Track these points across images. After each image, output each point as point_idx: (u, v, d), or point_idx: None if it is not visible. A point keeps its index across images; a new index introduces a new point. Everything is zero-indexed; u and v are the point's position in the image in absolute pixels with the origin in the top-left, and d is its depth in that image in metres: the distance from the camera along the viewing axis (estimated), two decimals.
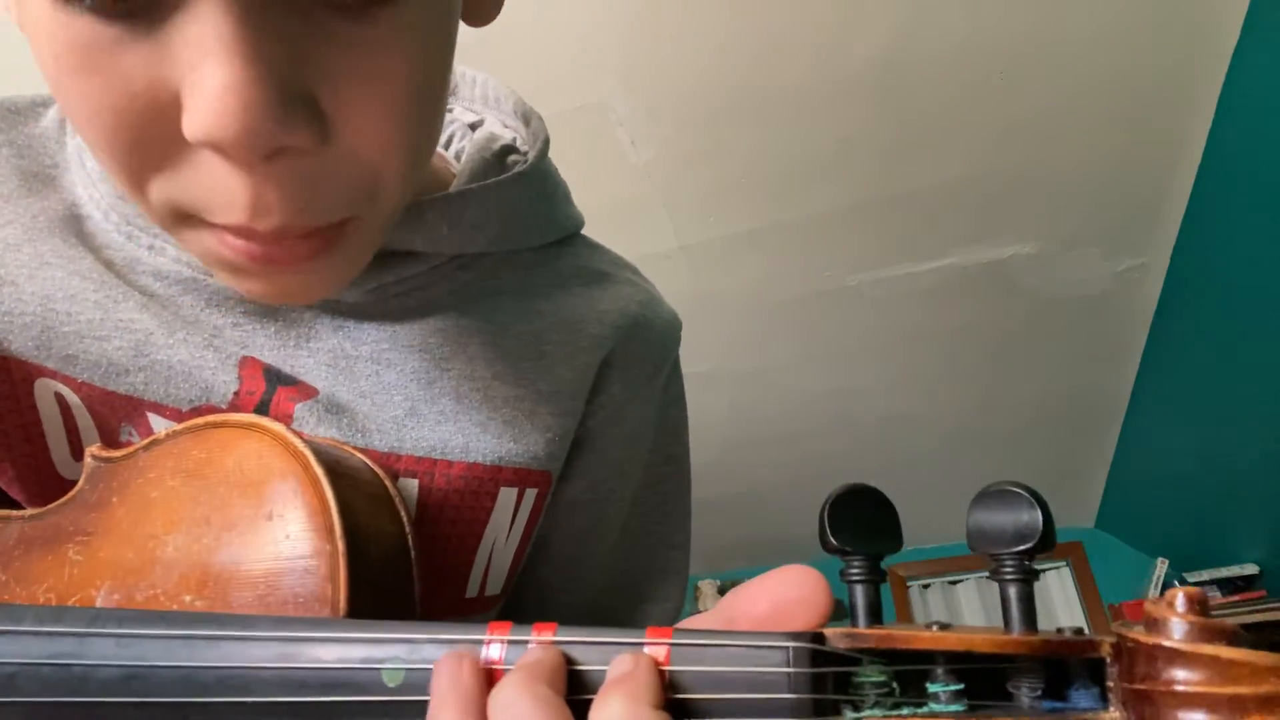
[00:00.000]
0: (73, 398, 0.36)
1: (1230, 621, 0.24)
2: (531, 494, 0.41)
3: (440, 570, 0.38)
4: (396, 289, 0.39)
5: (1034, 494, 0.24)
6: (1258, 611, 2.64)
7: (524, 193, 0.42)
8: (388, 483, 0.34)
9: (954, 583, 3.80)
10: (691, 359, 2.63)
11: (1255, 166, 1.69)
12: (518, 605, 0.44)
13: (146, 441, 0.34)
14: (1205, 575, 2.77)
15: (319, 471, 0.30)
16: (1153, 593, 2.99)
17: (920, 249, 2.15)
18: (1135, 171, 1.89)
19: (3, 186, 0.38)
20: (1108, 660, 0.23)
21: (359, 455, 0.35)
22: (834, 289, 2.29)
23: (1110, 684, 0.23)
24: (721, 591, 3.84)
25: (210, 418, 0.33)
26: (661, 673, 0.24)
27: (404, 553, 0.33)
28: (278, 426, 0.32)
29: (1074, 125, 1.78)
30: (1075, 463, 3.19)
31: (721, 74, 1.67)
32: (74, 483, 0.35)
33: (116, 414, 0.36)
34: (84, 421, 0.36)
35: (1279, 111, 1.56)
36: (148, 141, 0.26)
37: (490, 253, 0.42)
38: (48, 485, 0.36)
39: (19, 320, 0.35)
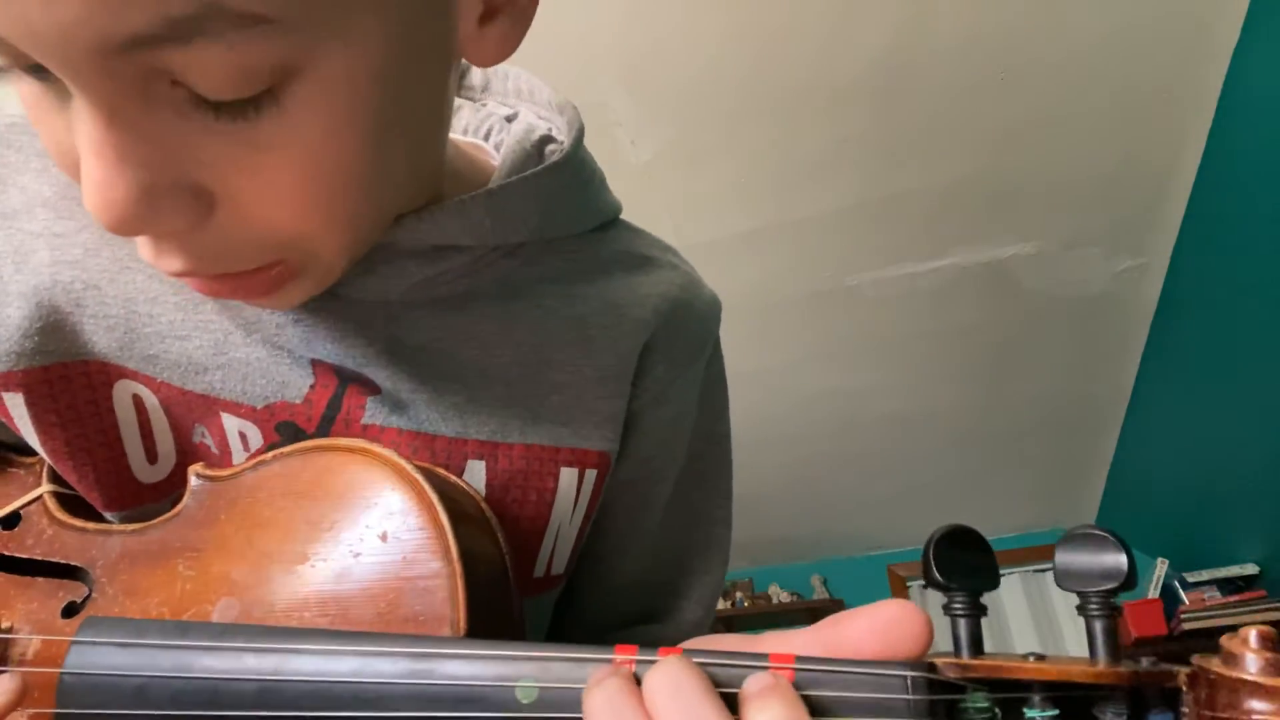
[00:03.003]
0: (150, 399, 0.36)
1: None
2: (592, 474, 0.42)
3: (511, 551, 0.38)
4: (444, 280, 0.40)
5: (1117, 537, 0.26)
6: (1258, 611, 2.64)
7: (562, 181, 0.42)
8: (483, 505, 0.35)
9: None
10: None
11: (1255, 166, 1.69)
12: (570, 578, 0.45)
13: (253, 462, 0.34)
14: (1205, 575, 2.77)
15: (432, 496, 0.31)
16: (1153, 593, 2.99)
17: (920, 249, 2.15)
18: (1135, 171, 1.89)
19: (79, 189, 0.37)
20: (1183, 689, 0.25)
21: (455, 479, 0.36)
22: (834, 289, 2.29)
23: (1185, 710, 0.25)
24: (721, 591, 3.83)
25: (317, 441, 0.34)
26: None
27: (505, 572, 0.34)
28: (387, 451, 0.32)
29: (1074, 125, 1.78)
30: (1075, 463, 3.19)
31: (721, 74, 1.67)
32: (149, 485, 0.37)
33: (192, 414, 0.37)
34: (159, 424, 0.37)
35: (1279, 111, 1.56)
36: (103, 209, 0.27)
37: (533, 241, 0.42)
38: (124, 488, 0.37)
39: (104, 323, 0.36)
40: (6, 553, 0.35)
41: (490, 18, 0.32)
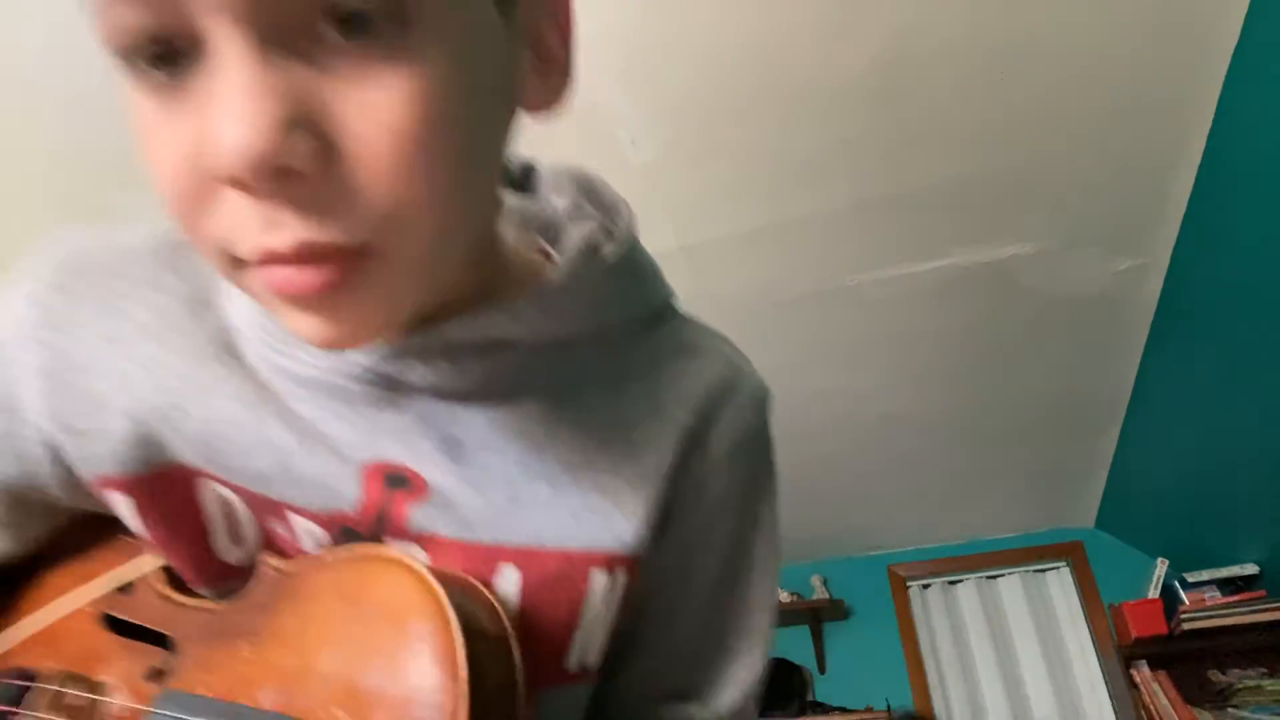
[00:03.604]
0: (232, 497, 0.42)
1: None
2: (622, 576, 0.43)
3: (542, 649, 0.41)
4: (496, 376, 0.42)
5: None
6: (1258, 611, 2.64)
7: (617, 280, 0.45)
8: (504, 619, 0.37)
9: (954, 583, 3.80)
10: None
11: (1255, 166, 1.69)
12: (610, 653, 0.47)
13: (316, 561, 0.39)
14: (1205, 575, 2.78)
15: (450, 615, 0.34)
16: (1153, 593, 2.99)
17: (920, 249, 2.15)
18: (1135, 171, 1.89)
19: (172, 315, 0.43)
20: None
21: (485, 591, 0.38)
22: (834, 289, 2.29)
23: None
24: None
25: (366, 548, 0.38)
26: None
27: (514, 687, 0.36)
28: (419, 566, 0.36)
29: (1074, 125, 1.78)
30: (1075, 463, 3.19)
31: (721, 74, 1.67)
32: (234, 566, 0.43)
33: (267, 511, 0.42)
34: (243, 515, 0.43)
35: (1279, 111, 1.56)
36: (193, 193, 0.31)
37: (584, 336, 0.44)
38: (211, 568, 0.43)
39: (189, 439, 0.41)
40: (117, 614, 0.42)
41: (541, 69, 0.41)
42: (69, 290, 0.43)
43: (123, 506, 0.41)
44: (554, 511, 0.42)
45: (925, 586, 3.82)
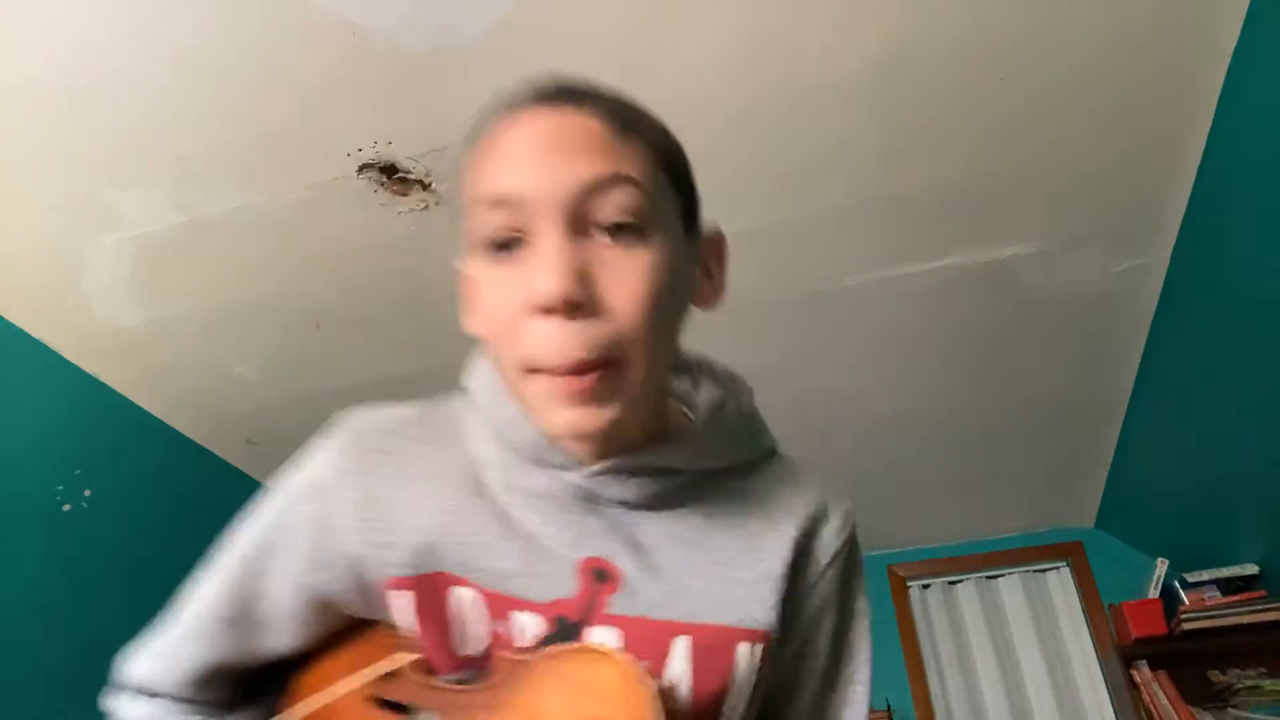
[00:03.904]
0: (475, 598, 0.56)
1: None
2: (760, 648, 0.57)
3: (702, 710, 0.55)
4: (665, 493, 0.59)
5: None
6: (1258, 611, 2.64)
7: (741, 429, 0.65)
8: (679, 701, 0.51)
9: (954, 583, 3.80)
10: None
11: (1255, 166, 1.69)
12: None
13: (542, 654, 0.51)
14: (1205, 575, 2.77)
15: (652, 696, 0.45)
16: (1153, 593, 2.99)
17: (920, 249, 2.15)
18: (1135, 171, 1.89)
19: (438, 460, 0.61)
20: None
21: (660, 685, 0.51)
22: (834, 289, 2.28)
23: None
24: None
25: (583, 644, 0.51)
26: None
27: None
28: (627, 661, 0.47)
29: (1074, 126, 1.78)
30: (1075, 463, 3.19)
31: (721, 74, 1.67)
32: (464, 658, 0.56)
33: (497, 611, 0.56)
34: (478, 616, 0.56)
35: (1279, 111, 1.56)
36: (511, 323, 0.51)
37: (722, 467, 0.62)
38: (452, 658, 0.57)
39: (452, 550, 0.57)
40: (385, 696, 0.55)
41: (706, 276, 0.64)
42: (366, 446, 0.62)
43: (403, 602, 0.57)
44: (709, 596, 0.57)
45: (925, 586, 3.82)
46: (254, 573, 0.60)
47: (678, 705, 0.51)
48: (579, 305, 0.48)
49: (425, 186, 1.92)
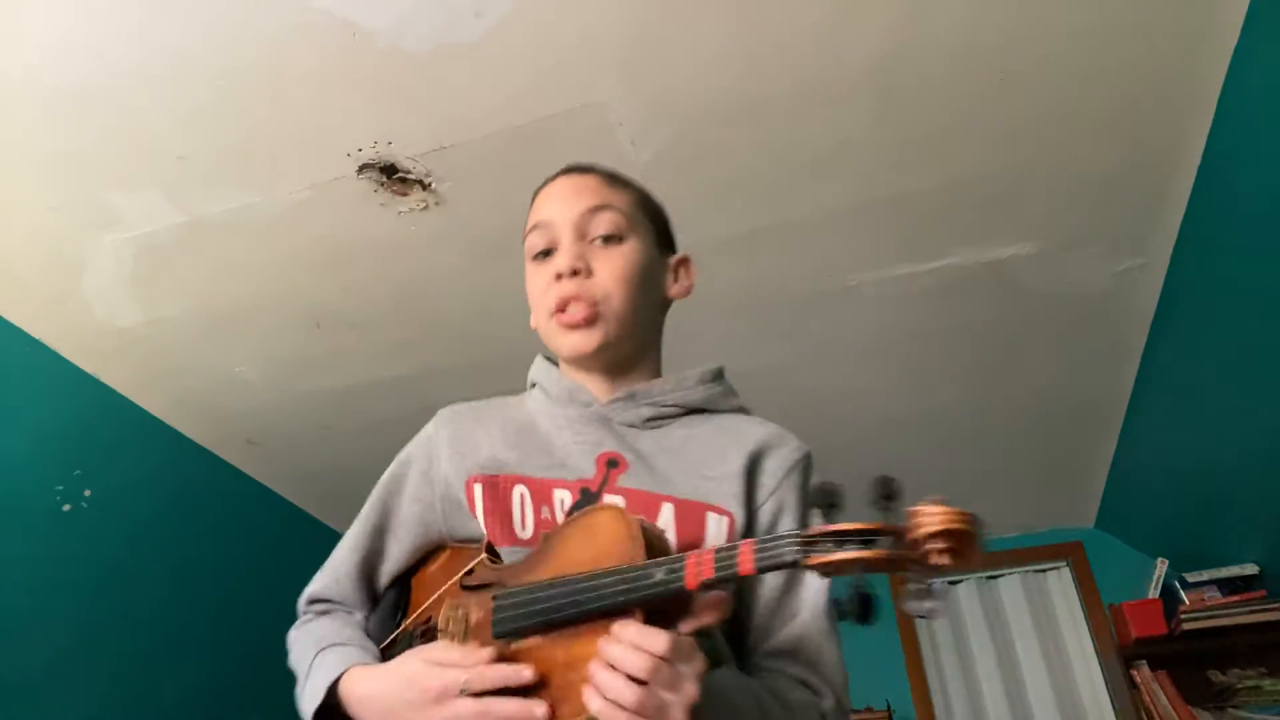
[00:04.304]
0: (525, 492, 0.82)
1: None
2: (725, 521, 0.80)
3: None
4: (658, 419, 0.87)
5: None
6: (1258, 611, 2.64)
7: (711, 386, 0.91)
8: (665, 538, 0.68)
9: (954, 583, 3.80)
10: (691, 359, 2.62)
11: (1255, 166, 1.69)
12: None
13: (567, 521, 0.71)
14: (1205, 575, 2.77)
15: (632, 520, 0.64)
16: (1153, 593, 2.99)
17: (920, 249, 2.15)
18: (1135, 171, 1.89)
19: (504, 420, 0.91)
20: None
21: (657, 528, 0.71)
22: (834, 289, 2.29)
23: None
24: None
25: (591, 507, 0.70)
26: None
27: (669, 550, 0.66)
28: (617, 507, 0.69)
29: (1074, 125, 1.78)
30: (1075, 463, 3.19)
31: (721, 74, 1.67)
32: (522, 539, 0.80)
33: (542, 495, 0.81)
34: (529, 508, 0.81)
35: (1279, 111, 1.56)
36: (545, 292, 0.86)
37: (698, 406, 0.89)
38: (512, 539, 0.80)
39: (511, 458, 0.85)
40: (466, 583, 0.76)
41: (674, 280, 0.94)
42: (455, 412, 0.93)
43: (479, 495, 0.83)
44: (687, 484, 0.81)
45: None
46: (389, 494, 0.90)
47: (660, 536, 0.67)
48: (577, 271, 0.83)
49: (425, 186, 1.92)
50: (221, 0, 1.50)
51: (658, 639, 0.56)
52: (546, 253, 0.87)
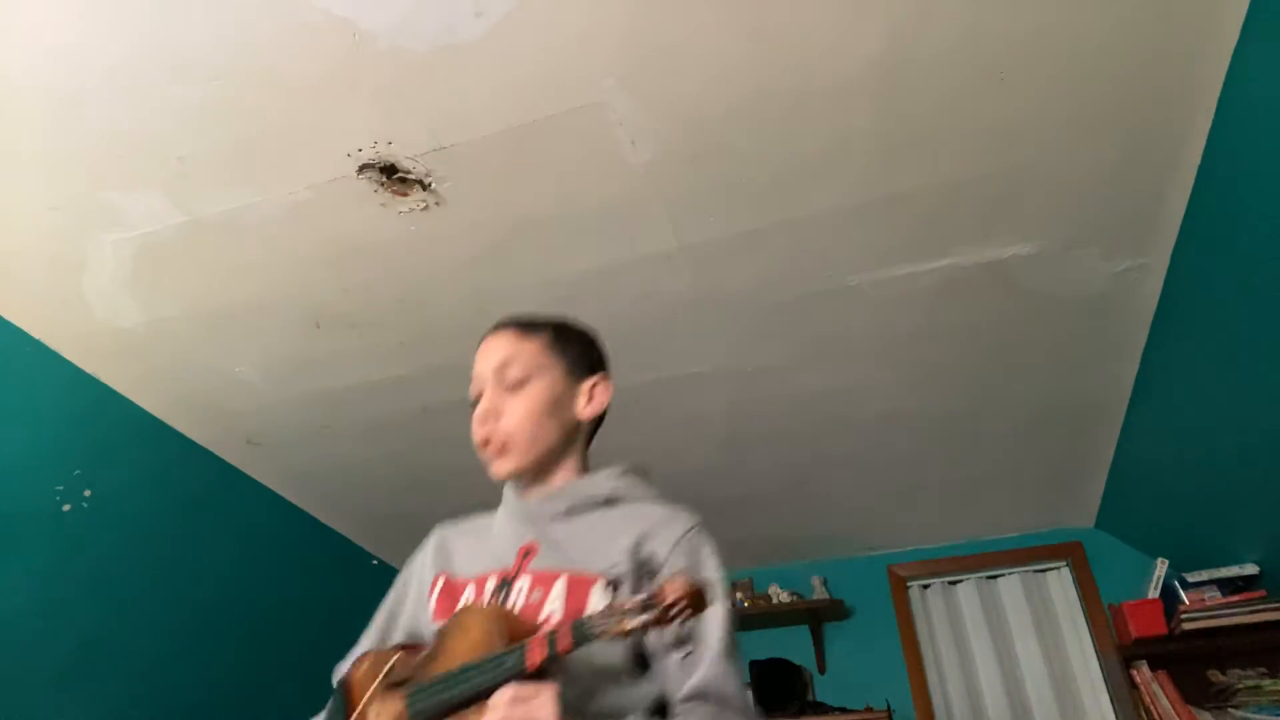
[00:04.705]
0: (471, 587, 1.04)
1: None
2: (609, 589, 0.95)
3: (566, 624, 0.82)
4: (569, 511, 1.07)
5: None
6: (1258, 611, 2.64)
7: (621, 481, 1.10)
8: (558, 604, 0.95)
9: (954, 583, 3.80)
10: (691, 359, 2.63)
11: (1255, 166, 1.69)
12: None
13: (450, 619, 0.92)
14: (1205, 575, 2.77)
15: (492, 622, 0.87)
16: (1153, 593, 2.99)
17: (920, 249, 2.15)
18: (1135, 171, 1.89)
19: (472, 532, 1.16)
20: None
21: (506, 612, 0.91)
22: (834, 289, 2.29)
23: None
24: None
25: (462, 608, 0.95)
26: None
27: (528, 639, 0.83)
28: (478, 602, 1.00)
29: (1074, 125, 1.78)
30: (1075, 463, 3.19)
31: (721, 74, 1.67)
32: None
33: (478, 589, 1.03)
34: (472, 596, 1.03)
35: (1279, 111, 1.56)
36: (474, 430, 1.09)
37: (612, 499, 1.08)
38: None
39: (468, 566, 1.08)
40: (394, 680, 0.92)
41: (587, 402, 1.12)
42: (443, 527, 1.18)
43: (439, 586, 1.07)
44: (582, 560, 0.99)
45: (925, 586, 3.82)
46: (395, 595, 1.15)
47: (509, 616, 0.87)
48: (487, 418, 1.07)
49: (425, 186, 1.92)
50: (221, 0, 1.50)
51: (502, 694, 0.77)
52: (477, 399, 1.10)
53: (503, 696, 0.76)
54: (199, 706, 2.73)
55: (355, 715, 0.94)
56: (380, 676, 0.94)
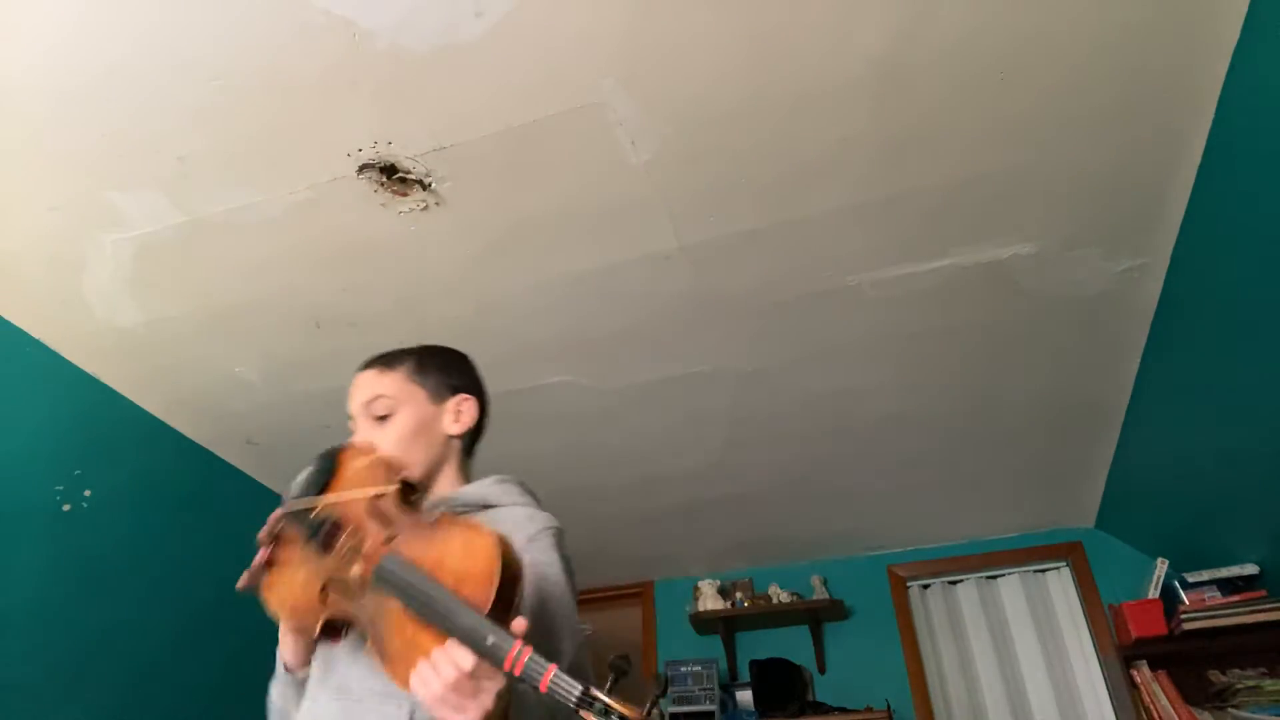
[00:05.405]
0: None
1: None
2: None
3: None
4: (459, 512, 1.10)
5: None
6: (1258, 611, 2.64)
7: (493, 488, 1.20)
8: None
9: (954, 583, 3.80)
10: (692, 359, 2.63)
11: (1255, 166, 1.69)
12: None
13: (467, 521, 0.93)
14: (1205, 575, 2.77)
15: (497, 574, 0.85)
16: (1153, 593, 2.99)
17: (920, 249, 2.15)
18: (1135, 171, 1.89)
19: None
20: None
21: (517, 561, 0.89)
22: (834, 289, 2.29)
23: None
24: (722, 591, 3.83)
25: (483, 528, 0.89)
26: None
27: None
28: (502, 544, 0.88)
29: (1074, 125, 1.78)
30: (1075, 463, 3.19)
31: (721, 74, 1.67)
32: None
33: None
34: None
35: (1279, 111, 1.56)
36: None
37: (487, 504, 1.15)
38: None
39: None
40: (376, 509, 0.98)
41: (454, 418, 1.23)
42: None
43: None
44: None
45: (925, 586, 3.82)
46: None
47: (516, 565, 0.87)
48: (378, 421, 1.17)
49: (425, 186, 1.92)
50: (222, 1, 1.50)
51: (467, 659, 0.77)
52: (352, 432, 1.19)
53: (456, 666, 0.77)
54: (199, 706, 2.73)
55: (332, 500, 0.97)
56: (372, 492, 0.96)
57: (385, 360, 1.23)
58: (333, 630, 0.97)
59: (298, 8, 1.51)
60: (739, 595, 3.80)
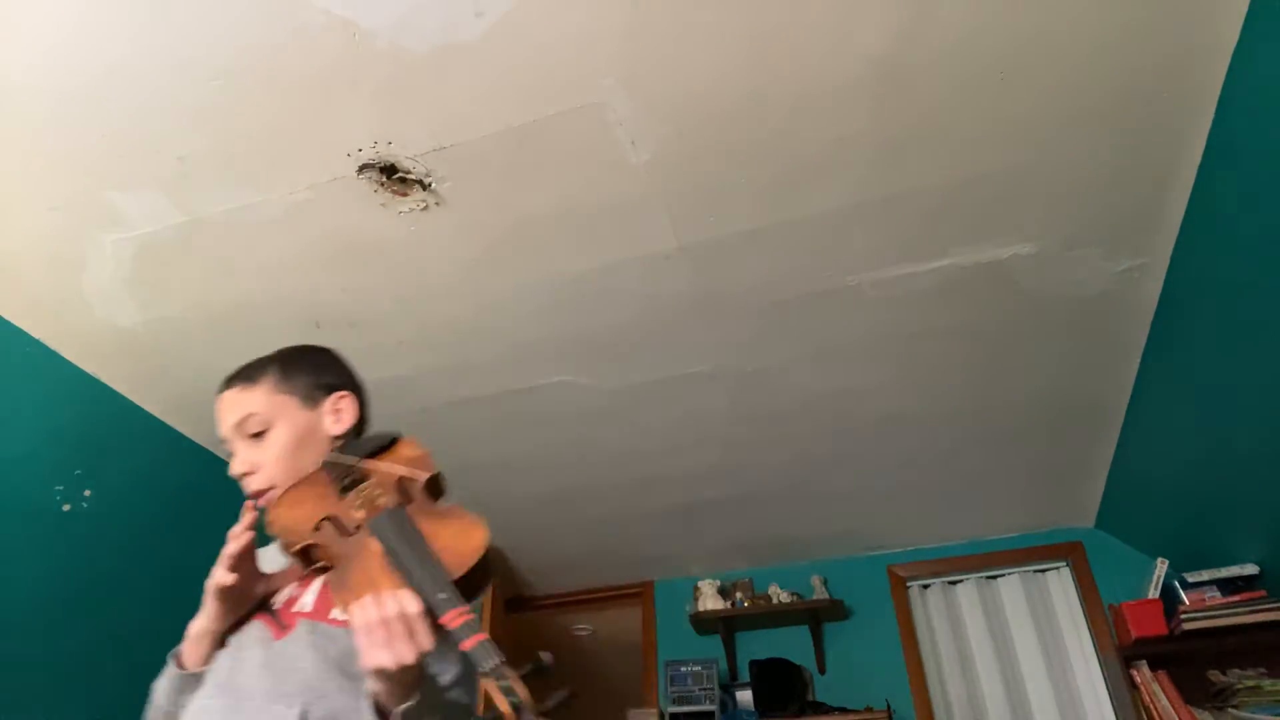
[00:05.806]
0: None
1: None
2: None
3: None
4: None
5: None
6: (1258, 611, 2.64)
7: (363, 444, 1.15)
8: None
9: (954, 583, 3.80)
10: (692, 359, 2.63)
11: (1255, 166, 1.69)
12: None
13: (469, 515, 0.97)
14: (1205, 575, 2.77)
15: (477, 559, 0.92)
16: (1153, 593, 2.99)
17: (920, 249, 2.15)
18: (1135, 171, 1.89)
19: None
20: None
21: (488, 559, 0.95)
22: (834, 289, 2.29)
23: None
24: (722, 591, 3.83)
25: (482, 521, 0.96)
26: None
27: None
28: (487, 538, 0.95)
29: (1074, 125, 1.78)
30: (1075, 463, 3.19)
31: (721, 73, 1.67)
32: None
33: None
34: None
35: (1279, 111, 1.56)
36: (240, 481, 1.15)
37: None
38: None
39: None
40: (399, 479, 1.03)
41: (334, 418, 1.16)
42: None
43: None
44: None
45: (925, 586, 3.82)
46: None
47: (486, 563, 0.91)
48: (245, 473, 1.11)
49: (425, 186, 1.92)
50: (221, 0, 1.50)
51: (413, 604, 0.82)
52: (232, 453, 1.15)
53: (401, 605, 0.82)
54: None
55: (378, 465, 1.04)
56: (403, 474, 1.02)
57: (245, 375, 1.17)
58: (263, 608, 1.06)
59: (297, 7, 1.51)
60: (739, 595, 3.80)
